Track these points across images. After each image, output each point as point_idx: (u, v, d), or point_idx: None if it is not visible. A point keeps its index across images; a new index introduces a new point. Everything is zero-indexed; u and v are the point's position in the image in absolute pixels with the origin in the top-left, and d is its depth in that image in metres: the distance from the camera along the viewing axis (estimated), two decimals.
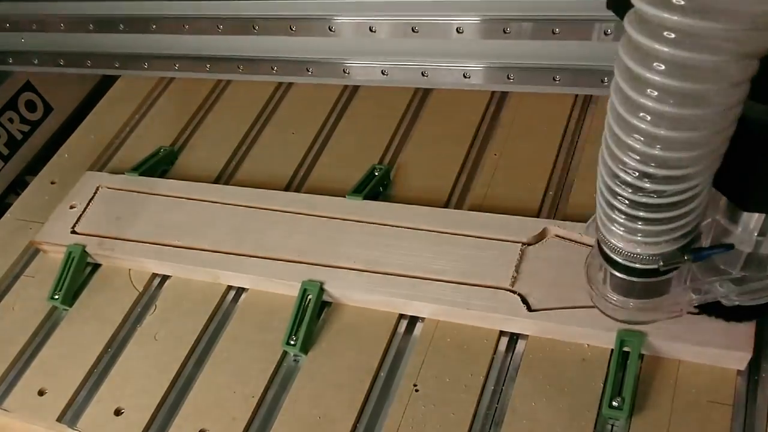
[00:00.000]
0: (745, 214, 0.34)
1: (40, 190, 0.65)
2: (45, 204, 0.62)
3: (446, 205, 0.53)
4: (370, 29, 0.56)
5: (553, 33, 0.51)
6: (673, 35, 0.24)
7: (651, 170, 0.28)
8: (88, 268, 0.56)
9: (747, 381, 0.40)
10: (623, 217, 0.31)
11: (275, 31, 0.59)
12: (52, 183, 0.65)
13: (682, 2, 0.23)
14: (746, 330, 0.39)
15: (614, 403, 0.39)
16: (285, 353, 0.47)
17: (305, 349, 0.47)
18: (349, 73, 0.61)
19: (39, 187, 0.65)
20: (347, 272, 0.49)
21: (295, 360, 0.47)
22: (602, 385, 0.41)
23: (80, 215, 0.59)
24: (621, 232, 0.32)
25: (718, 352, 0.40)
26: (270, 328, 0.48)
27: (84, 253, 0.55)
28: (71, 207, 0.60)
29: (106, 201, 0.60)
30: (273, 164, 0.60)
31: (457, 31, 0.54)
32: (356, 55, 0.59)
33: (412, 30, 0.55)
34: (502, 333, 0.45)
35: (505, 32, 0.52)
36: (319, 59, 0.61)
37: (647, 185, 0.29)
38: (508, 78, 0.56)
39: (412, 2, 0.54)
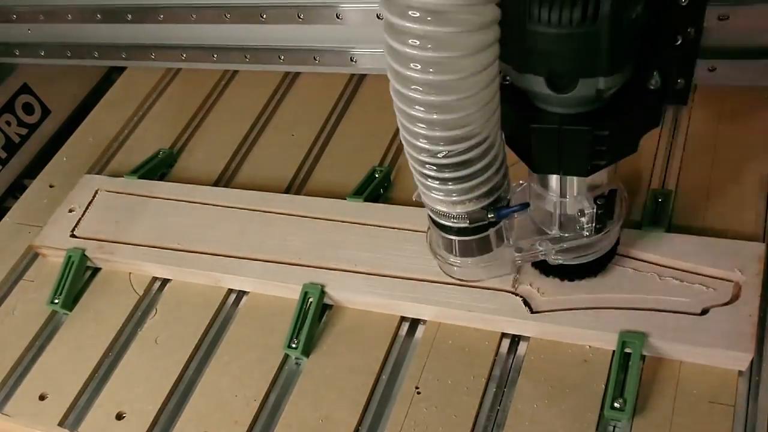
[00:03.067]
0: (551, 177, 0.38)
1: (38, 194, 0.66)
2: (44, 207, 0.63)
3: None
4: (378, 16, 0.57)
5: None
6: (417, 14, 0.28)
7: (437, 133, 0.32)
8: (88, 272, 0.57)
9: (748, 382, 0.40)
10: (436, 182, 0.35)
11: (282, 20, 0.60)
12: (51, 186, 0.66)
13: None
14: (747, 331, 0.40)
15: (616, 405, 0.40)
16: (286, 356, 0.48)
17: (307, 352, 0.47)
18: (356, 62, 0.61)
19: (37, 190, 0.66)
20: (348, 275, 0.49)
21: (296, 363, 0.48)
22: (604, 386, 0.41)
23: (79, 219, 0.59)
24: (434, 195, 0.37)
25: (720, 352, 0.40)
26: (271, 331, 0.49)
27: (84, 257, 0.56)
28: (70, 210, 0.60)
29: (106, 204, 0.60)
30: (273, 166, 0.61)
31: None
32: (363, 43, 0.60)
33: None
34: (503, 335, 0.45)
35: None
36: (326, 48, 0.62)
37: (439, 148, 0.33)
38: None
39: None
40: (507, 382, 0.43)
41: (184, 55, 0.67)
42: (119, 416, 0.47)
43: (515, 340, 0.45)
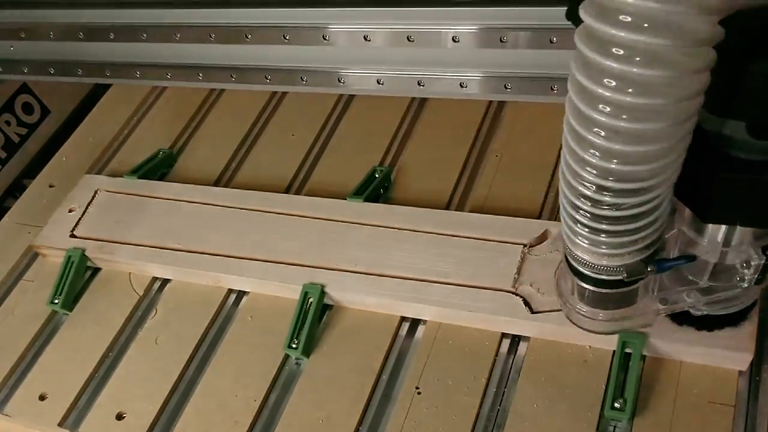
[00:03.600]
0: (711, 225, 0.35)
1: (38, 194, 0.66)
2: (44, 207, 0.63)
3: (447, 207, 0.54)
4: (365, 38, 0.57)
5: (551, 42, 0.52)
6: (621, 51, 0.24)
7: (609, 184, 0.29)
8: (88, 272, 0.57)
9: (748, 382, 0.41)
10: (586, 230, 0.32)
11: (268, 40, 0.60)
12: (51, 186, 0.66)
13: (629, 18, 0.23)
14: (747, 331, 0.40)
15: (616, 405, 0.40)
16: (287, 356, 0.48)
17: (307, 352, 0.48)
18: (344, 83, 0.61)
19: (37, 190, 0.66)
20: (349, 275, 0.49)
21: (297, 363, 0.48)
22: (604, 386, 0.41)
23: (79, 219, 0.60)
24: (585, 245, 0.33)
25: (720, 353, 0.40)
26: (272, 332, 0.49)
27: (83, 257, 0.56)
28: (70, 210, 0.61)
29: (106, 204, 0.60)
30: (273, 166, 0.61)
31: (453, 40, 0.55)
32: (351, 64, 0.60)
33: (408, 39, 0.56)
34: (504, 335, 0.46)
35: (501, 41, 0.53)
36: (313, 68, 0.62)
37: (606, 198, 0.30)
38: (506, 87, 0.56)
39: (407, 11, 0.55)
40: (507, 382, 0.44)
41: (169, 74, 0.66)
42: (119, 416, 0.48)
43: (515, 340, 0.45)
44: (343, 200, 0.54)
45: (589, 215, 0.31)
